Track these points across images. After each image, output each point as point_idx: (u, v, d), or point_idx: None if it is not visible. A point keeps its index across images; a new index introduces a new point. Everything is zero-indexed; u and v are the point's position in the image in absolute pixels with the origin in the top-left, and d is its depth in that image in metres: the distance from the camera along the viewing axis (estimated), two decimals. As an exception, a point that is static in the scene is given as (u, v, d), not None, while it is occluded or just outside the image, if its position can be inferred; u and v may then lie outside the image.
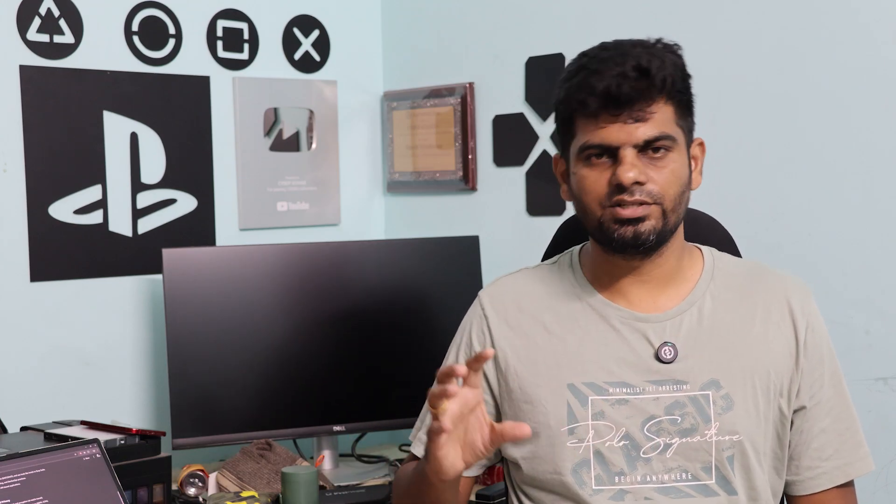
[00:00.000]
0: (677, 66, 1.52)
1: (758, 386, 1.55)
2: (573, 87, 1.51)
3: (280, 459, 2.48)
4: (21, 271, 2.49)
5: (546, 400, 1.57)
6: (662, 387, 1.54)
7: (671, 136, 1.51)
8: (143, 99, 2.67)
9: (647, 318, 1.58)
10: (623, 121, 1.48)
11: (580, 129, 1.52)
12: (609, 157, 1.50)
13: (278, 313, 2.60)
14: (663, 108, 1.50)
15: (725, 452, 1.53)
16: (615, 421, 1.54)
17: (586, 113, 1.50)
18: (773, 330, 1.58)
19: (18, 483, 1.80)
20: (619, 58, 1.48)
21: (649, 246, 1.52)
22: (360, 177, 3.13)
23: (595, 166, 1.52)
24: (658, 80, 1.48)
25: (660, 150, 1.50)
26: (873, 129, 2.22)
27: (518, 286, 1.68)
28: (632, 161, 1.48)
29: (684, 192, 1.54)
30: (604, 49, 1.52)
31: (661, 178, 1.50)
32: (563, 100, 1.54)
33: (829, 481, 1.61)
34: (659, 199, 1.50)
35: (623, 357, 1.56)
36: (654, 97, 1.49)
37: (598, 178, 1.51)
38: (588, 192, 1.53)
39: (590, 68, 1.49)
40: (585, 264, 1.65)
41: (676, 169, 1.52)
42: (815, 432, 1.59)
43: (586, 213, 1.55)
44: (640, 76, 1.47)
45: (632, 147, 1.49)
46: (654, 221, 1.51)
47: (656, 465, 1.53)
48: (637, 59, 1.48)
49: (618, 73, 1.47)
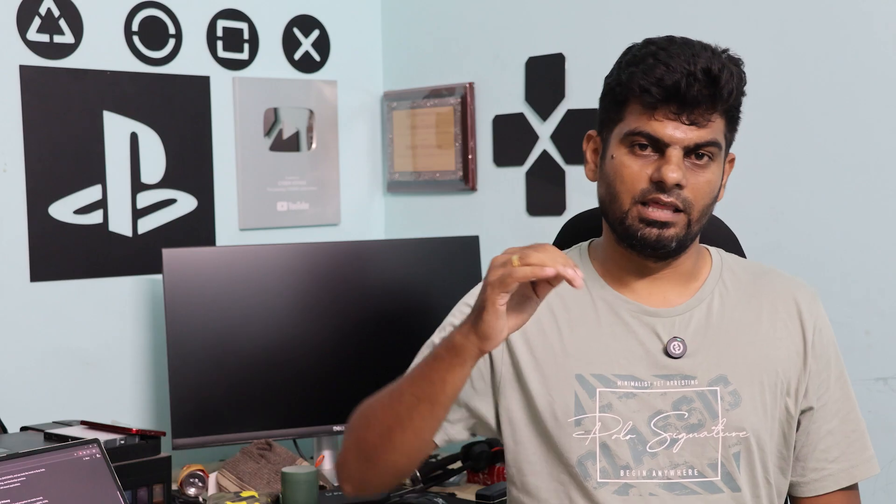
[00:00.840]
0: (742, 80, 1.51)
1: (765, 384, 1.55)
2: (639, 72, 1.48)
3: (280, 459, 2.48)
4: (21, 271, 2.49)
5: (553, 389, 1.56)
6: (670, 381, 1.54)
7: (720, 144, 1.51)
8: (143, 99, 2.67)
9: (657, 313, 1.57)
10: (681, 120, 1.47)
11: (632, 115, 1.50)
12: (654, 151, 1.49)
13: (278, 313, 2.60)
14: (718, 118, 1.50)
15: (732, 449, 1.53)
16: (622, 414, 1.53)
17: (645, 102, 1.48)
18: (781, 330, 1.59)
19: (18, 483, 1.80)
20: (689, 57, 1.46)
21: (669, 251, 1.52)
22: (360, 177, 3.12)
23: (638, 157, 1.50)
24: (725, 91, 1.47)
25: (704, 156, 1.50)
26: (874, 129, 2.22)
27: None
28: (678, 162, 1.47)
29: (712, 203, 1.54)
30: (672, 42, 1.50)
31: (698, 186, 1.50)
32: (624, 82, 1.51)
33: (835, 483, 1.61)
34: (689, 207, 1.50)
35: (632, 350, 1.56)
36: (716, 106, 1.48)
37: (639, 171, 1.49)
38: (625, 181, 1.51)
39: (659, 58, 1.47)
40: (596, 258, 1.64)
41: (712, 180, 1.51)
42: (821, 434, 1.60)
43: (614, 201, 1.53)
44: (708, 82, 1.46)
45: (681, 148, 1.48)
46: (678, 229, 1.50)
47: (662, 460, 1.53)
48: (707, 63, 1.46)
49: (688, 73, 1.45)
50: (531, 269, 1.33)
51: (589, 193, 2.63)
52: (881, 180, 2.21)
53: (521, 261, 1.34)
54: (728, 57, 1.51)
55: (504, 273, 1.35)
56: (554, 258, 1.34)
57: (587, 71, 2.69)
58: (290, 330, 2.61)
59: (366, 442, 1.54)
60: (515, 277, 1.34)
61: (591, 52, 2.67)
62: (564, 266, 1.33)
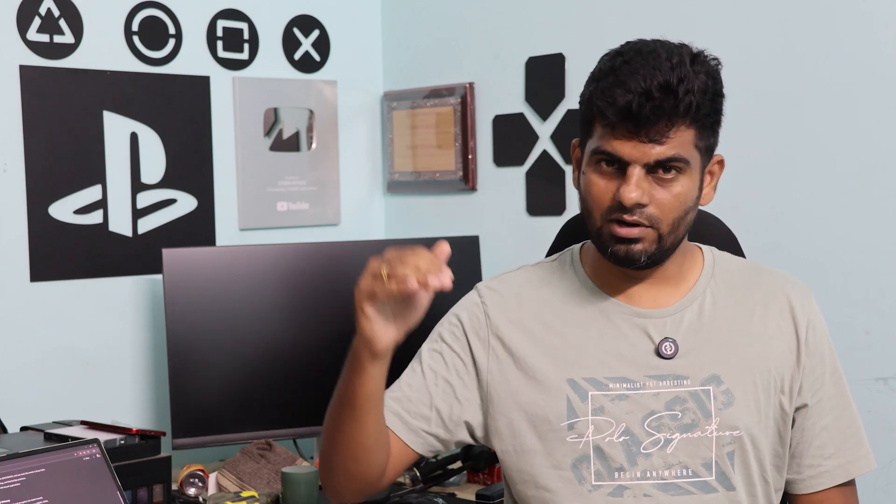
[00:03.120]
0: (707, 88, 1.47)
1: (758, 382, 1.55)
2: (598, 91, 1.49)
3: (280, 459, 2.48)
4: (21, 271, 2.49)
5: (545, 394, 1.56)
6: (663, 382, 1.54)
7: (685, 158, 1.48)
8: (143, 99, 2.67)
9: (648, 314, 1.58)
10: (639, 139, 1.46)
11: (597, 133, 1.51)
12: (618, 169, 1.49)
13: (278, 313, 2.60)
14: (683, 131, 1.47)
15: (726, 448, 1.53)
16: (615, 416, 1.54)
17: (603, 122, 1.48)
18: (773, 327, 1.59)
19: (18, 483, 1.80)
20: (648, 71, 1.44)
21: (640, 266, 1.52)
22: (360, 177, 3.13)
23: (604, 174, 1.50)
24: (683, 105, 1.45)
25: (671, 170, 1.48)
26: (874, 129, 2.22)
27: (518, 282, 1.67)
28: (637, 182, 1.46)
29: (687, 214, 1.52)
30: (638, 54, 1.48)
31: (665, 200, 1.48)
32: (586, 101, 1.53)
33: (831, 480, 1.61)
34: (656, 223, 1.49)
35: (623, 352, 1.56)
36: (675, 121, 1.45)
37: (604, 189, 1.50)
38: (593, 199, 1.52)
39: (618, 76, 1.46)
40: (586, 262, 1.65)
41: (682, 193, 1.50)
42: (816, 430, 1.59)
43: (588, 216, 1.55)
44: (664, 96, 1.44)
45: (641, 166, 1.47)
46: (646, 244, 1.50)
47: (656, 460, 1.53)
48: (666, 75, 1.44)
49: (642, 91, 1.43)
50: (396, 286, 1.35)
51: (589, 193, 2.64)
52: (881, 180, 2.21)
53: (389, 272, 1.35)
54: (700, 61, 1.48)
55: (372, 287, 1.37)
56: (419, 268, 1.34)
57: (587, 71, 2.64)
58: (290, 330, 2.61)
59: (323, 451, 1.59)
60: (382, 293, 1.37)
61: (591, 52, 2.63)
62: (427, 276, 1.33)
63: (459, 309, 1.68)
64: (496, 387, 1.61)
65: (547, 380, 1.57)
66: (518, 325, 1.62)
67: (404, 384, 1.63)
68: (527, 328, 1.61)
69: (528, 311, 1.63)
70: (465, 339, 1.63)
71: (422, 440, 1.62)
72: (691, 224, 1.56)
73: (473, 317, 1.65)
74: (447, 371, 1.63)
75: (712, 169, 1.58)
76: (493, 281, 1.70)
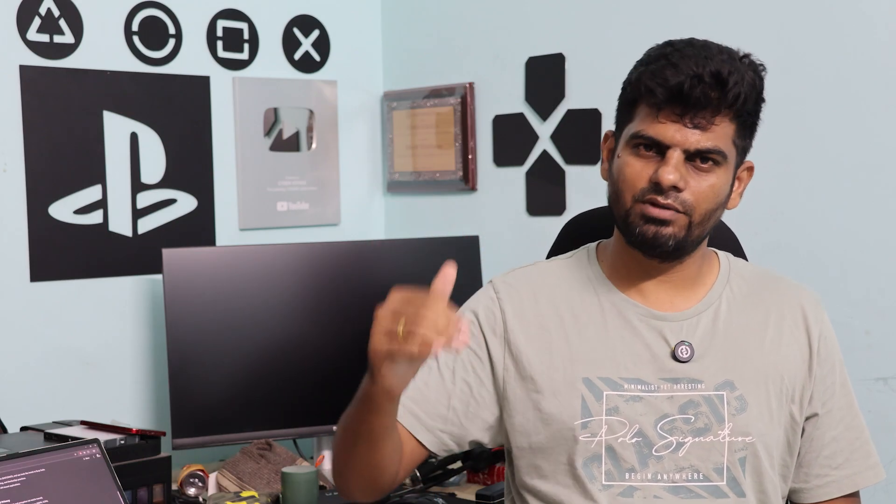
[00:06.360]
0: (755, 86, 1.49)
1: (771, 390, 1.55)
2: (648, 72, 1.48)
3: (280, 459, 2.48)
4: (21, 271, 2.49)
5: (560, 392, 1.56)
6: (677, 385, 1.54)
7: (723, 152, 1.49)
8: (143, 99, 2.67)
9: (665, 317, 1.57)
10: (684, 123, 1.46)
11: (639, 116, 1.50)
12: (657, 153, 1.49)
13: (278, 313, 2.60)
14: (727, 123, 1.48)
15: (738, 454, 1.53)
16: (629, 417, 1.53)
17: (650, 102, 1.48)
18: (787, 336, 1.59)
19: (18, 483, 1.80)
20: (701, 59, 1.45)
21: (666, 251, 1.51)
22: (360, 177, 3.13)
23: (641, 157, 1.50)
24: (731, 95, 1.46)
25: (708, 161, 1.49)
26: (874, 129, 2.22)
27: (534, 278, 1.65)
28: (676, 164, 1.47)
29: (717, 209, 1.53)
30: (690, 45, 1.49)
31: (699, 189, 1.49)
32: (633, 82, 1.52)
33: (838, 490, 1.61)
34: (689, 209, 1.49)
35: (639, 354, 1.56)
36: (721, 110, 1.47)
37: (640, 171, 1.50)
38: (626, 180, 1.51)
39: (670, 59, 1.47)
40: (603, 260, 1.64)
41: (717, 185, 1.50)
42: (826, 440, 1.60)
43: (618, 200, 1.53)
44: (715, 84, 1.45)
45: (681, 151, 1.47)
46: (676, 229, 1.49)
47: (668, 463, 1.52)
48: (718, 65, 1.45)
49: (694, 74, 1.44)
50: (418, 351, 1.29)
51: (589, 194, 2.64)
52: (881, 180, 2.21)
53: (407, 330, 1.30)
54: (748, 62, 1.50)
55: (391, 349, 1.32)
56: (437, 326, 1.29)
57: (587, 71, 2.69)
58: (290, 330, 2.61)
59: (336, 467, 1.58)
60: (403, 355, 1.31)
61: (591, 52, 2.67)
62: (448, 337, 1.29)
63: (475, 304, 1.65)
64: (511, 383, 1.60)
65: (562, 378, 1.56)
66: (534, 321, 1.60)
67: (421, 383, 1.61)
68: (543, 325, 1.59)
69: (544, 307, 1.61)
70: (481, 335, 1.62)
71: (437, 439, 1.61)
72: (717, 224, 1.56)
73: (489, 312, 1.63)
74: (464, 369, 1.61)
75: (741, 175, 1.58)
76: (508, 276, 1.68)
